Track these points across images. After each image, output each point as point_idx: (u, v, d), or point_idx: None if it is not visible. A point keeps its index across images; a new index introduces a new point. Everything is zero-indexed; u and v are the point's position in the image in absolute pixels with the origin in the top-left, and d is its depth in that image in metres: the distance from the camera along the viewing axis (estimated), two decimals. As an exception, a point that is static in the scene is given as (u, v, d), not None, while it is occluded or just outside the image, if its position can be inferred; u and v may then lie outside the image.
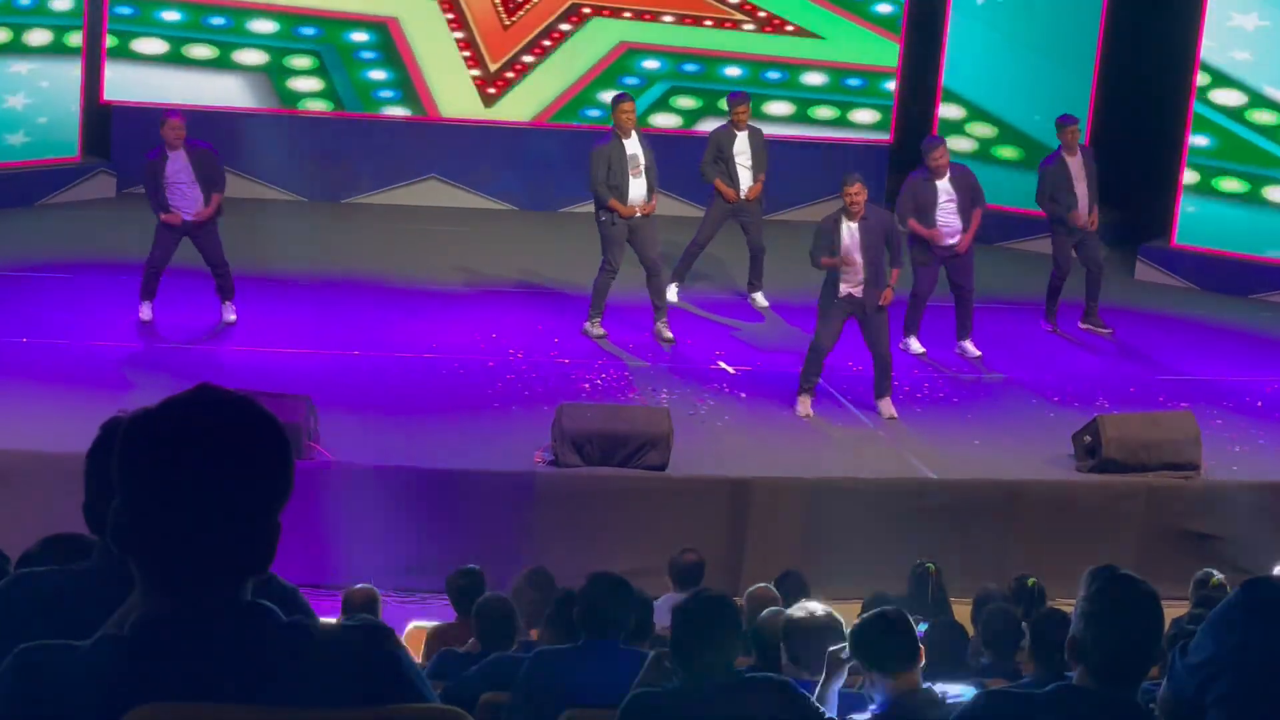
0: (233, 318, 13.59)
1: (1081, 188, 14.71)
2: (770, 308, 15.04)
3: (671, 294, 14.89)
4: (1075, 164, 14.70)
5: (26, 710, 2.21)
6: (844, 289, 12.46)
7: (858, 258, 12.37)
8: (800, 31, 18.41)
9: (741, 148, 14.70)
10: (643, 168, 13.64)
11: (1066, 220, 14.57)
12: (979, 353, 14.17)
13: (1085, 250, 14.85)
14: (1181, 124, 17.15)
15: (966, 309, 14.12)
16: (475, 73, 17.99)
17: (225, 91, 17.62)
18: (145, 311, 13.40)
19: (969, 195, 13.85)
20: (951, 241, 13.82)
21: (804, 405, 12.66)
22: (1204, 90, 16.94)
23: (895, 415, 12.67)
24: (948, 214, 13.84)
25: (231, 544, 2.27)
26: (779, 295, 14.98)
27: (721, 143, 14.73)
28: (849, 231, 12.41)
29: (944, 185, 13.85)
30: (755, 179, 14.69)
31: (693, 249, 14.93)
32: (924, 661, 5.62)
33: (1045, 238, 15.76)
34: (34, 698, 2.21)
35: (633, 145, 13.68)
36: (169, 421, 2.29)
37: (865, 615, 5.97)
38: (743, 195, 14.65)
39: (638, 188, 13.62)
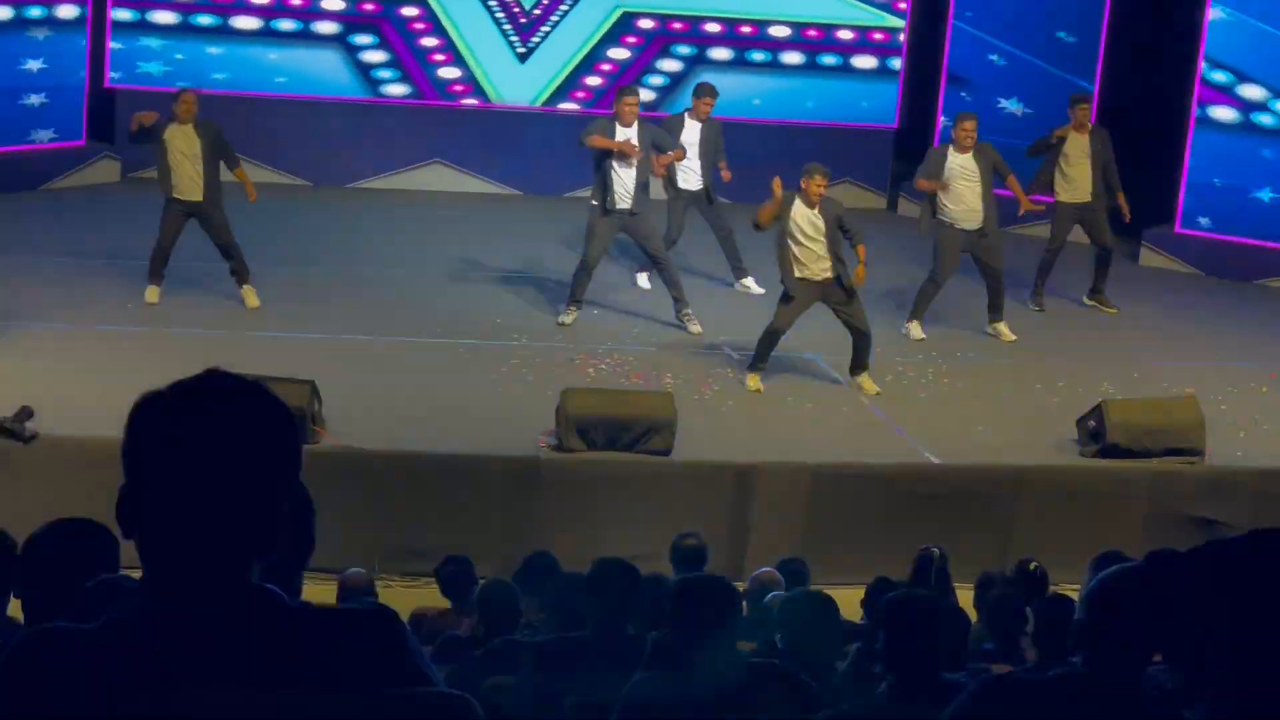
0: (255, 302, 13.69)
1: (1082, 167, 14.72)
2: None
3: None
4: (1079, 142, 14.71)
5: (32, 691, 2.22)
6: (800, 272, 12.47)
7: (818, 242, 12.41)
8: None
9: (691, 138, 14.69)
10: (633, 161, 13.53)
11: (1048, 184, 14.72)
12: (1014, 336, 14.20)
13: (1091, 229, 14.90)
14: (1186, 107, 17.14)
15: (998, 291, 14.14)
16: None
17: (231, 76, 17.64)
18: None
19: (990, 174, 13.85)
20: (969, 227, 13.84)
21: (754, 381, 12.68)
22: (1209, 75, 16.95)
23: (878, 390, 12.70)
24: (966, 192, 13.82)
25: (237, 528, 2.27)
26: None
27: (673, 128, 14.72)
28: (806, 216, 12.40)
29: (964, 159, 13.82)
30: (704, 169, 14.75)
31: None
32: None
33: (1047, 223, 15.77)
34: (40, 678, 2.22)
35: (627, 134, 13.58)
36: (177, 404, 2.29)
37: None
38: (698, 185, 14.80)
39: (627, 178, 13.55)
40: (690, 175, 14.71)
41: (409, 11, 17.92)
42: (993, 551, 10.96)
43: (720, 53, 18.35)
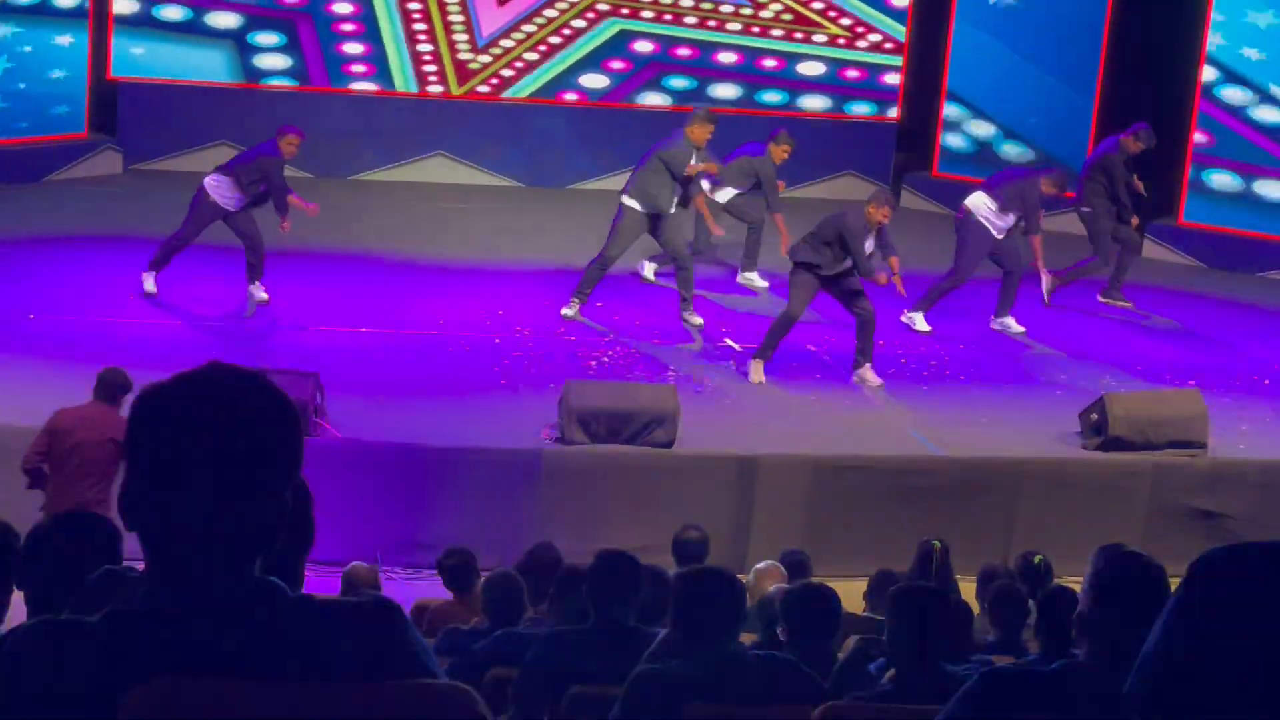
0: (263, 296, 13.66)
1: (1123, 186, 14.91)
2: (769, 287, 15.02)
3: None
4: (1127, 165, 14.86)
5: (34, 681, 2.22)
6: (822, 268, 12.55)
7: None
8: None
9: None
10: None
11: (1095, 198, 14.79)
12: (1022, 329, 14.25)
13: (1120, 230, 15.02)
14: (1190, 98, 17.13)
15: (1011, 288, 14.21)
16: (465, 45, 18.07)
17: (230, 68, 17.63)
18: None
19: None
20: (999, 234, 14.02)
21: (757, 372, 12.69)
22: (1213, 61, 16.94)
23: (880, 383, 12.73)
24: (997, 215, 14.05)
25: (239, 520, 2.27)
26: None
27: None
28: (870, 238, 12.51)
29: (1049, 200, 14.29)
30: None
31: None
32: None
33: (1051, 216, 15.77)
34: (41, 669, 2.22)
35: (699, 156, 13.68)
36: (178, 397, 2.29)
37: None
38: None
39: (678, 186, 13.63)
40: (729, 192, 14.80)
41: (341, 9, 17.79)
42: (995, 544, 10.98)
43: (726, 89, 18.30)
